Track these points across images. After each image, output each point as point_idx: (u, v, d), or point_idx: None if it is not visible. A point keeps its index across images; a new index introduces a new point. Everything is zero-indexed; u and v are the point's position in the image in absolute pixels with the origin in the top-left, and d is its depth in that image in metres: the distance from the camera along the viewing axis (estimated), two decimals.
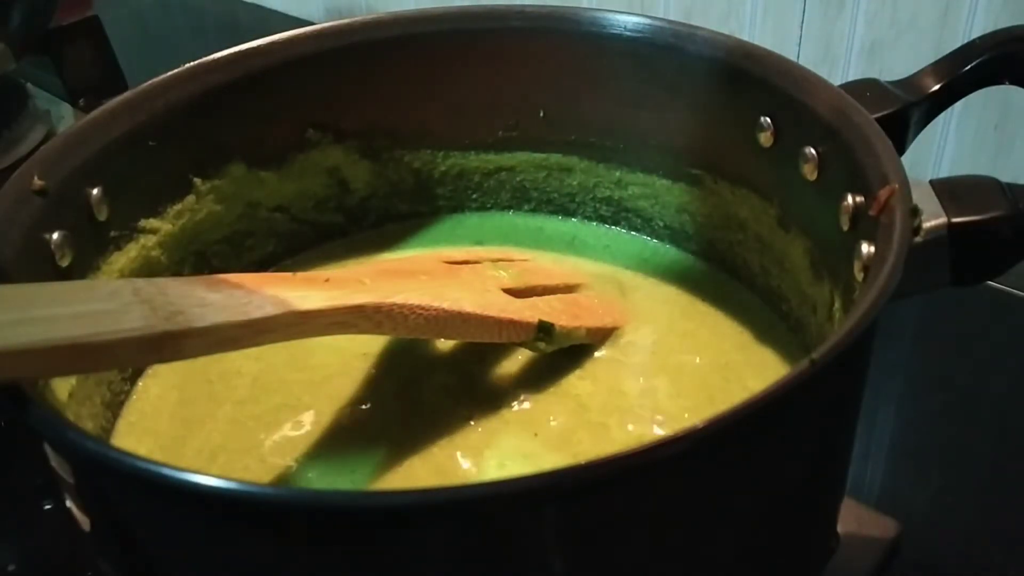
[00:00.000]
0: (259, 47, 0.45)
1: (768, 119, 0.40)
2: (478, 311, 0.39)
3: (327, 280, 0.36)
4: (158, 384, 0.43)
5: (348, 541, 0.26)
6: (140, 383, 0.43)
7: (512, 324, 0.40)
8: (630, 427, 0.39)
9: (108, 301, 0.30)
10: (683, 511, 0.28)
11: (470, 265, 0.44)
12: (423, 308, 0.37)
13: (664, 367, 0.42)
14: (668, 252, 0.49)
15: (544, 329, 0.41)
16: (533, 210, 0.52)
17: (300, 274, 0.37)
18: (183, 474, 0.25)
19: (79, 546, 0.34)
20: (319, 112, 0.47)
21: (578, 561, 0.27)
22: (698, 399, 0.40)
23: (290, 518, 0.26)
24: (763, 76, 0.40)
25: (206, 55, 0.44)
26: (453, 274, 0.42)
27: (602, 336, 0.43)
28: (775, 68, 0.40)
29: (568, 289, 0.46)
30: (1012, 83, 0.40)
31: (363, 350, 0.43)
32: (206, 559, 0.29)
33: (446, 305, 0.38)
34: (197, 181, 0.45)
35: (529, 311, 0.41)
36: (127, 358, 0.31)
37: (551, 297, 0.44)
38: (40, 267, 0.36)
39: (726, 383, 0.41)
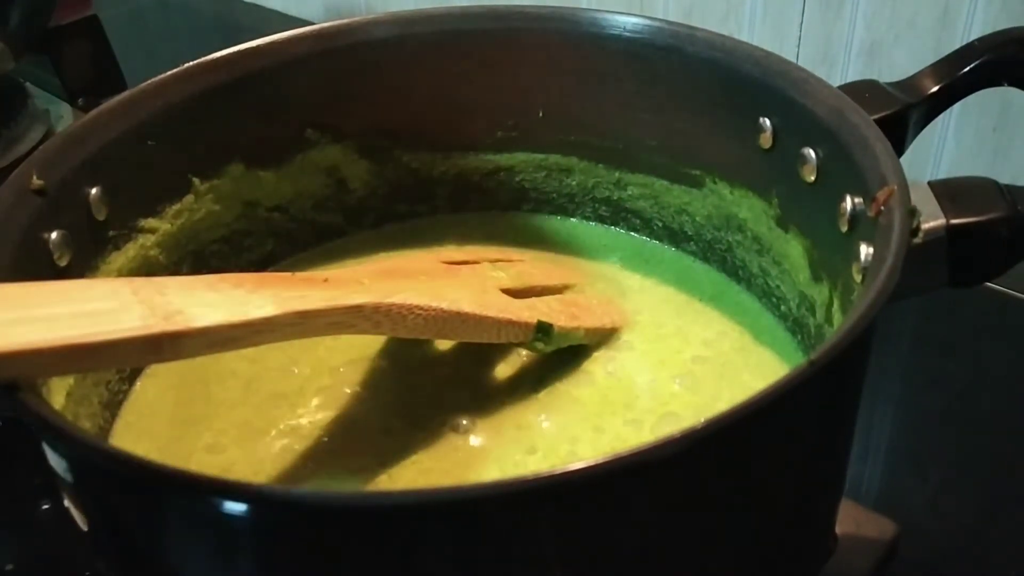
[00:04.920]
0: (259, 47, 0.45)
1: (767, 120, 0.40)
2: (477, 311, 0.39)
3: (326, 280, 0.36)
4: (155, 385, 0.43)
5: (347, 541, 0.26)
6: (137, 384, 0.43)
7: (511, 324, 0.40)
8: (629, 428, 0.39)
9: (107, 300, 0.30)
10: (681, 511, 0.28)
11: (469, 265, 0.44)
12: (422, 308, 0.37)
13: (663, 368, 0.42)
14: (668, 252, 0.49)
15: (543, 329, 0.41)
16: (533, 210, 0.52)
17: (299, 274, 0.37)
18: (181, 474, 0.25)
19: (77, 546, 0.34)
20: (318, 112, 0.47)
21: (577, 561, 0.27)
22: (697, 400, 0.40)
23: (288, 518, 0.26)
24: (762, 77, 0.40)
25: (205, 55, 0.44)
26: (452, 274, 0.42)
27: (601, 336, 0.43)
28: (774, 69, 0.40)
29: (566, 289, 0.46)
30: (1011, 85, 0.40)
31: (359, 352, 0.43)
32: (203, 559, 0.29)
33: (445, 305, 0.38)
34: (196, 181, 0.45)
35: (528, 311, 0.41)
36: (126, 358, 0.31)
37: (550, 298, 0.44)
38: (38, 266, 0.36)
39: (725, 384, 0.41)
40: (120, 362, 0.36)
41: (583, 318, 0.43)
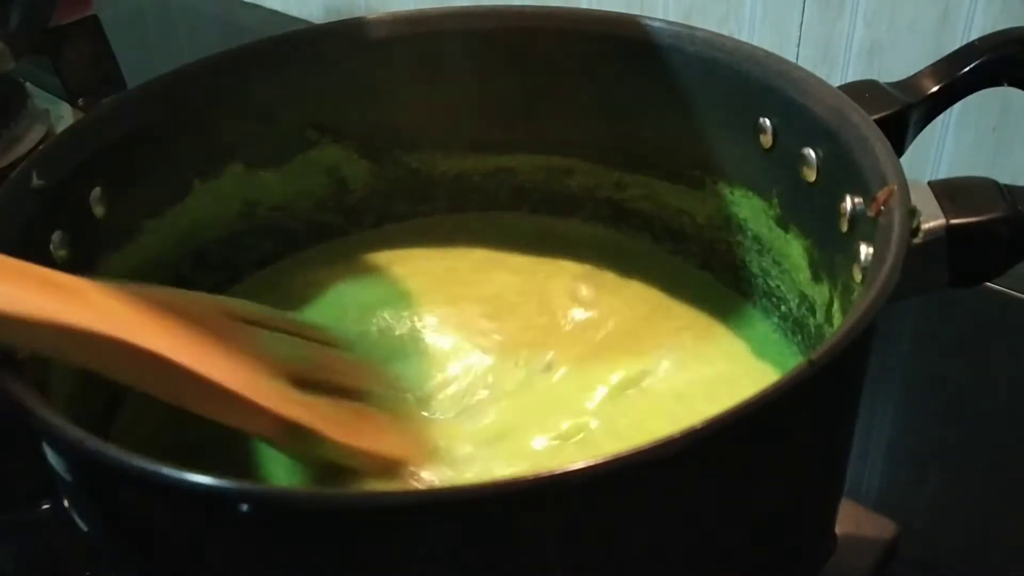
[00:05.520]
0: (258, 47, 0.45)
1: (767, 120, 0.40)
2: (222, 380, 0.31)
3: (54, 284, 0.30)
4: None
5: (348, 541, 0.26)
6: None
7: (264, 413, 0.33)
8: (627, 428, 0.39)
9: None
10: (681, 512, 0.28)
11: (254, 328, 0.37)
12: (151, 355, 0.30)
13: (663, 370, 0.42)
14: (667, 253, 0.49)
15: (302, 437, 0.33)
16: (533, 211, 0.52)
17: (28, 267, 0.31)
18: (180, 473, 0.25)
19: (77, 546, 0.34)
20: (318, 112, 0.47)
21: (577, 561, 0.27)
22: (697, 401, 0.40)
23: (289, 517, 0.26)
24: (762, 77, 0.40)
25: (205, 55, 0.44)
26: (232, 332, 0.35)
27: (379, 465, 0.36)
28: (774, 69, 0.40)
29: (359, 395, 0.39)
30: (1011, 85, 0.40)
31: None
32: (203, 558, 0.29)
33: (184, 360, 0.30)
34: (196, 181, 0.45)
35: (301, 408, 0.34)
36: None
37: (340, 404, 0.37)
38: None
39: (726, 385, 0.41)
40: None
41: (367, 438, 0.36)
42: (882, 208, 0.32)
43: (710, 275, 0.47)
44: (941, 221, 0.34)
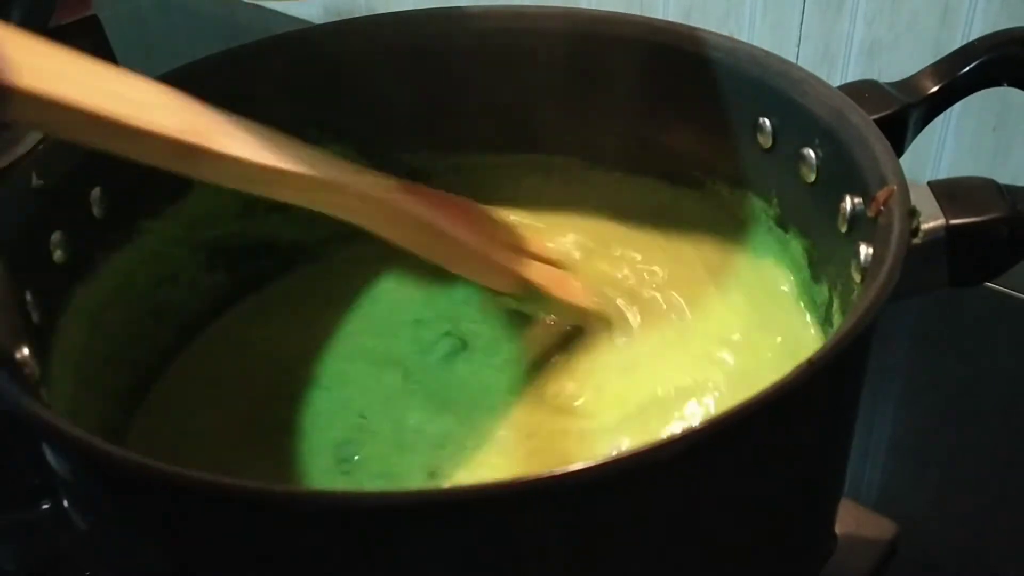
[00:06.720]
0: (258, 47, 0.45)
1: (767, 120, 0.40)
2: (473, 241, 0.40)
3: (356, 171, 0.38)
4: (160, 385, 0.43)
5: (348, 541, 0.26)
6: (155, 383, 0.43)
7: (502, 270, 0.41)
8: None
9: (150, 94, 0.33)
10: (681, 512, 0.28)
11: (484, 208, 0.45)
12: (420, 220, 0.39)
13: (664, 373, 0.42)
14: (667, 254, 0.48)
15: (529, 290, 0.41)
16: (534, 211, 0.52)
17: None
18: (180, 472, 0.25)
19: (77, 546, 0.34)
20: (318, 111, 0.47)
21: (576, 562, 0.27)
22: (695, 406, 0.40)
23: (290, 517, 0.26)
24: (762, 77, 0.40)
25: (205, 55, 0.44)
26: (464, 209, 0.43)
27: (584, 318, 0.43)
28: (774, 69, 0.40)
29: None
30: (1011, 85, 0.40)
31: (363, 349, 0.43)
32: (204, 558, 0.29)
33: (446, 226, 0.39)
34: (195, 181, 0.45)
35: (525, 268, 0.42)
36: (149, 151, 0.33)
37: (550, 267, 0.44)
38: (37, 266, 0.36)
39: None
40: (142, 153, 0.35)
41: (575, 296, 0.43)
42: (882, 208, 0.32)
43: None
44: (941, 221, 0.34)
